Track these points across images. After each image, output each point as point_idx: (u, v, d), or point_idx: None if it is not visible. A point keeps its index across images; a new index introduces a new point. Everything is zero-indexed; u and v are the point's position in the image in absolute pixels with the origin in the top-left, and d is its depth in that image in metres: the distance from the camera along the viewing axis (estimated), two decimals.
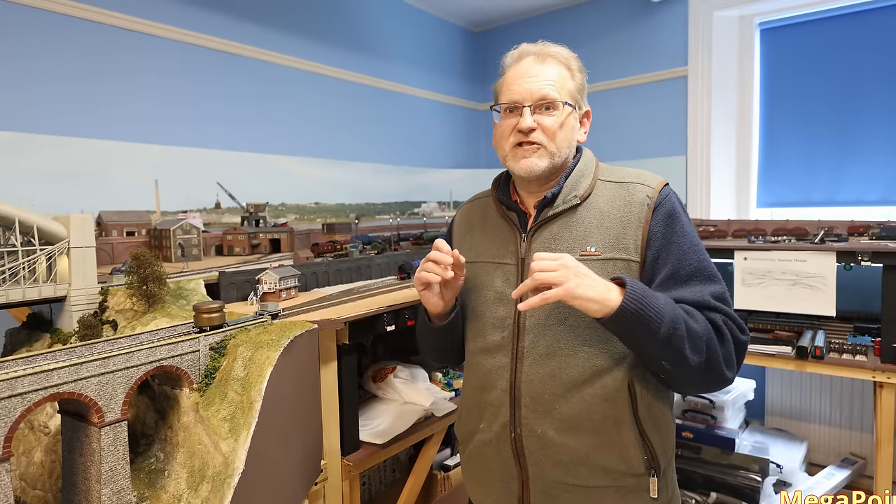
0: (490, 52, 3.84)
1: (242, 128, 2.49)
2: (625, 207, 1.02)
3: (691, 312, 0.94)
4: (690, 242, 1.00)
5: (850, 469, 2.34)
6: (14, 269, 1.31)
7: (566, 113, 1.04)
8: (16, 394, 0.90)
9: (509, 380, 1.03)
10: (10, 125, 1.80)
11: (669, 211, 1.01)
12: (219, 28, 2.38)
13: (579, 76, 1.08)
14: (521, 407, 1.01)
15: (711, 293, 0.97)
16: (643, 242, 0.99)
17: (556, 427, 0.99)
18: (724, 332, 0.95)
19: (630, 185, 1.04)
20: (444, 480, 2.01)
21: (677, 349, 0.90)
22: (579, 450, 0.98)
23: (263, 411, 1.08)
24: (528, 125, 1.02)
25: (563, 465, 0.99)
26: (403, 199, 3.32)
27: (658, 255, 0.99)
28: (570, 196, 1.04)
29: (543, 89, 1.02)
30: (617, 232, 1.01)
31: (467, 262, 1.14)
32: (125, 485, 1.04)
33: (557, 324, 1.00)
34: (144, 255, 1.42)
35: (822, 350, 1.98)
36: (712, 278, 0.99)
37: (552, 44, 1.08)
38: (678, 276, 0.98)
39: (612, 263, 0.99)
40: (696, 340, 0.91)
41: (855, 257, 1.91)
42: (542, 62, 1.05)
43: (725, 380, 0.96)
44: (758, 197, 3.09)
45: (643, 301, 0.88)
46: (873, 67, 2.68)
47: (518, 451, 1.02)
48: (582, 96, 1.09)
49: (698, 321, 0.93)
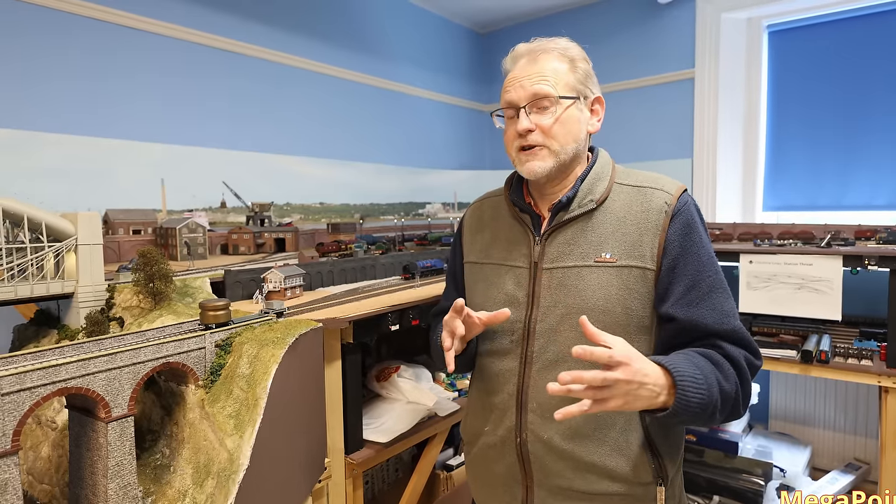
0: (495, 53, 3.85)
1: (247, 127, 2.50)
2: (642, 213, 1.00)
3: (722, 367, 0.92)
4: (708, 254, 0.99)
5: (855, 474, 2.33)
6: (22, 265, 1.33)
7: (564, 107, 1.01)
8: (24, 388, 0.91)
9: (517, 384, 1.02)
10: (15, 123, 1.81)
11: (687, 219, 0.99)
12: (224, 27, 2.39)
13: (582, 65, 1.04)
14: (527, 412, 1.00)
15: (732, 314, 0.96)
16: (660, 250, 0.97)
17: (563, 433, 0.98)
18: (746, 372, 0.94)
19: (648, 190, 1.02)
20: (446, 480, 2.02)
21: (712, 419, 0.90)
22: (585, 456, 0.97)
23: (268, 408, 1.08)
24: (524, 127, 1.00)
25: (569, 471, 0.98)
26: (408, 200, 3.32)
27: (674, 264, 0.97)
28: (585, 200, 1.02)
29: (535, 86, 1.00)
30: (633, 239, 0.99)
31: (477, 262, 1.13)
32: (131, 479, 1.04)
33: (568, 329, 0.98)
34: (151, 252, 1.43)
35: (827, 354, 1.97)
36: (727, 291, 0.99)
37: (548, 39, 1.05)
38: (698, 289, 0.96)
39: (627, 271, 0.97)
40: (727, 402, 0.91)
41: (861, 261, 1.90)
42: (535, 60, 1.02)
43: (739, 417, 0.96)
44: (764, 200, 3.08)
45: (689, 406, 0.85)
46: (881, 71, 2.67)
47: (523, 456, 1.01)
48: (587, 85, 1.05)
49: (728, 378, 0.91)
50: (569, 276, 1.00)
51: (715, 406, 0.88)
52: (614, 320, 0.96)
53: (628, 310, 0.97)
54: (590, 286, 0.98)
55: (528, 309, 1.02)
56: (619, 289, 0.97)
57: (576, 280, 0.99)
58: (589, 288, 0.98)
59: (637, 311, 0.97)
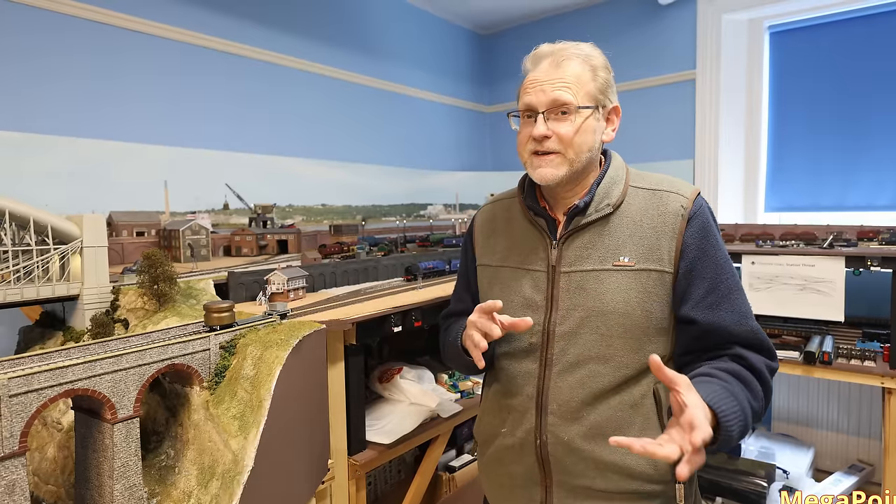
0: (496, 54, 3.85)
1: (250, 129, 2.51)
2: (658, 217, 1.00)
3: (751, 386, 0.93)
4: (724, 256, 1.00)
5: (858, 476, 2.32)
6: (28, 267, 1.33)
7: (583, 117, 1.00)
8: (32, 390, 0.92)
9: (536, 386, 1.02)
10: (20, 126, 1.83)
11: (704, 222, 1.00)
12: (228, 31, 2.41)
13: (603, 74, 1.04)
14: (547, 414, 1.00)
15: (750, 316, 0.98)
16: (677, 253, 0.98)
17: (583, 434, 0.98)
18: (769, 383, 0.96)
19: (663, 194, 1.02)
20: (449, 481, 2.02)
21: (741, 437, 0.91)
22: (606, 456, 0.98)
23: (272, 410, 1.09)
24: (541, 133, 0.99)
25: (590, 471, 0.99)
26: (410, 202, 3.33)
27: (692, 267, 0.98)
28: (602, 204, 1.02)
29: (557, 93, 0.99)
30: (651, 242, 0.99)
31: (492, 265, 1.13)
32: (137, 481, 1.05)
33: (589, 332, 0.99)
34: (156, 254, 1.44)
35: (830, 355, 1.97)
36: (743, 292, 1.00)
37: (572, 42, 1.05)
38: (717, 292, 0.97)
39: (645, 274, 0.98)
40: (756, 418, 0.93)
41: (864, 262, 1.90)
42: (558, 64, 1.01)
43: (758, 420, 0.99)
44: (766, 201, 3.08)
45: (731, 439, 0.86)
46: (883, 71, 2.67)
47: (543, 457, 1.01)
48: (607, 95, 1.04)
49: (757, 397, 0.93)
50: (588, 280, 1.00)
51: (747, 426, 0.90)
52: (634, 323, 0.97)
53: (648, 313, 0.98)
54: (609, 290, 0.99)
55: (547, 312, 1.02)
56: (638, 292, 0.98)
57: (595, 284, 1.00)
58: (608, 291, 0.98)
59: (656, 313, 0.98)
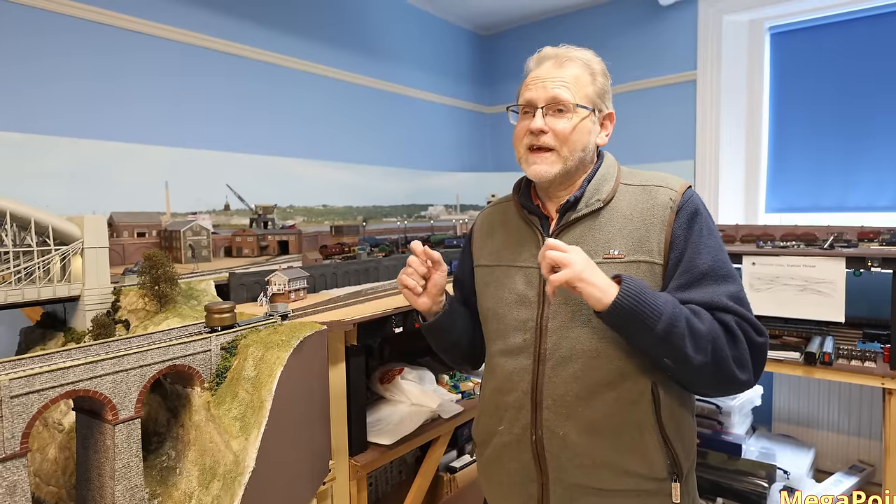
0: (497, 55, 3.85)
1: (251, 130, 2.51)
2: (648, 210, 1.02)
3: (697, 312, 0.94)
4: (706, 242, 1.00)
5: (859, 476, 2.32)
6: (29, 268, 1.34)
7: (580, 116, 1.03)
8: (33, 391, 0.92)
9: (531, 382, 1.03)
10: (21, 126, 1.83)
11: (692, 213, 1.01)
12: (229, 31, 2.41)
13: (601, 79, 1.08)
14: (542, 409, 1.01)
15: (725, 293, 0.96)
16: (666, 245, 1.00)
17: (579, 429, 0.99)
18: (736, 332, 0.94)
19: (653, 189, 1.04)
20: (450, 482, 2.02)
21: (677, 347, 0.89)
22: (601, 452, 0.98)
23: (274, 411, 1.09)
24: (538, 126, 1.02)
25: (585, 467, 0.99)
26: (410, 202, 3.33)
27: (680, 257, 0.99)
28: (592, 200, 1.05)
29: (556, 90, 1.02)
30: (640, 235, 1.01)
31: (488, 265, 1.15)
32: (138, 481, 1.05)
33: (581, 326, 1.00)
34: (157, 255, 1.44)
35: (830, 356, 1.96)
36: (727, 278, 0.99)
37: (575, 47, 1.09)
38: (691, 274, 0.98)
39: (635, 266, 0.99)
40: (700, 339, 0.91)
41: (864, 263, 1.90)
42: (560, 65, 1.05)
43: (739, 382, 0.95)
44: (766, 202, 3.07)
45: (638, 297, 0.88)
46: (884, 72, 2.67)
47: (539, 454, 1.02)
48: (603, 100, 1.08)
49: (703, 320, 0.93)
50: None
51: (674, 327, 0.89)
52: None
53: None
54: None
55: (540, 307, 1.04)
56: None
57: None
58: None
59: None
